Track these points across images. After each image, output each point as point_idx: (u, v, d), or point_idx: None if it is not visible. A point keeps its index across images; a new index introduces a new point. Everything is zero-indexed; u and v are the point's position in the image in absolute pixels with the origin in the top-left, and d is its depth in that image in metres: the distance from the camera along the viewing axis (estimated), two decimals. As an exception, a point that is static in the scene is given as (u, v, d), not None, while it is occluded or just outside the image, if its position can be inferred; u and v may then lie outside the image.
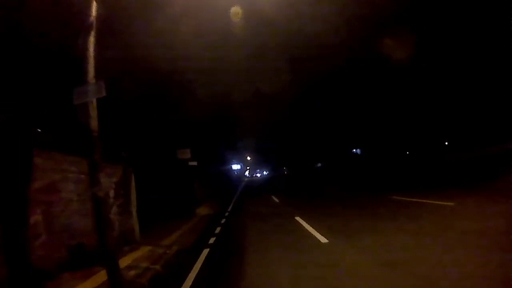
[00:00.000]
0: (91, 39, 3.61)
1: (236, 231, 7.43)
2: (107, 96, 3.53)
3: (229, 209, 12.67)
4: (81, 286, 3.72)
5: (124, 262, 4.68)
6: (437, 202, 7.24)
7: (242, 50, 13.44)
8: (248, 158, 77.39)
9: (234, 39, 12.02)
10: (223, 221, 9.37)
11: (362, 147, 31.69)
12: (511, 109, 12.69)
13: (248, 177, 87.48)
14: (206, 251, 5.50)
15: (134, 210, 6.78)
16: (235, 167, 64.70)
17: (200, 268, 4.52)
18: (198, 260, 4.95)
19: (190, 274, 4.18)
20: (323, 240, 5.22)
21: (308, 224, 6.86)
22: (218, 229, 7.87)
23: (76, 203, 4.86)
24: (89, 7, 3.64)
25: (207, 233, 7.46)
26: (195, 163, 12.94)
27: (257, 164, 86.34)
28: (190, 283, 3.86)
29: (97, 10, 3.69)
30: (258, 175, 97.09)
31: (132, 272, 4.28)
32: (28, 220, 3.83)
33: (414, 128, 20.41)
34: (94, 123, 3.47)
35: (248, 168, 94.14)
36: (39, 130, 5.55)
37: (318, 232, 5.88)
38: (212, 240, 6.50)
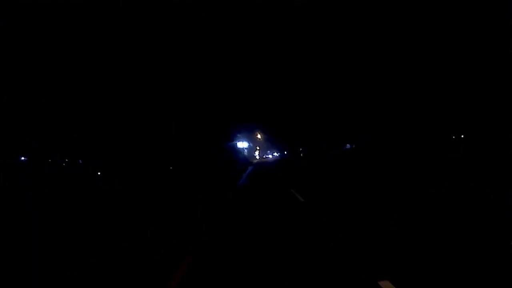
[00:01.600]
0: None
1: None
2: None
3: None
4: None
5: None
6: None
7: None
8: (259, 136, 66.63)
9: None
10: None
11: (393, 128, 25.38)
12: None
13: (257, 159, 75.69)
14: None
15: None
16: (242, 145, 49.05)
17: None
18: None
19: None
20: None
21: None
22: None
23: None
24: None
25: None
26: None
27: (269, 142, 74.98)
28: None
29: None
30: (270, 156, 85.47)
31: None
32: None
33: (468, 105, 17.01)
34: None
35: (258, 148, 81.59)
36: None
37: None
38: None
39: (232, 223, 5.90)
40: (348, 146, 36.48)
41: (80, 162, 18.82)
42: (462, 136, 19.59)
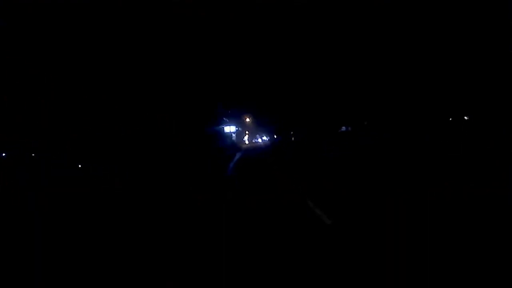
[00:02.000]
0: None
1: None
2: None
3: None
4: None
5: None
6: None
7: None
8: (248, 120, 62.98)
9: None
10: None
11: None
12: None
13: (247, 143, 72.04)
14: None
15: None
16: (229, 129, 45.45)
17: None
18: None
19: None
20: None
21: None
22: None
23: None
24: None
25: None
26: None
27: (259, 126, 70.35)
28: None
29: None
30: (260, 140, 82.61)
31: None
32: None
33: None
34: None
35: (247, 132, 77.74)
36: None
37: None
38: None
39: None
40: (344, 128, 33.13)
41: (80, 161, 18.84)
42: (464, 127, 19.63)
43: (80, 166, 17.97)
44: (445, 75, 18.03)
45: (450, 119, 20.17)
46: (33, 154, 17.56)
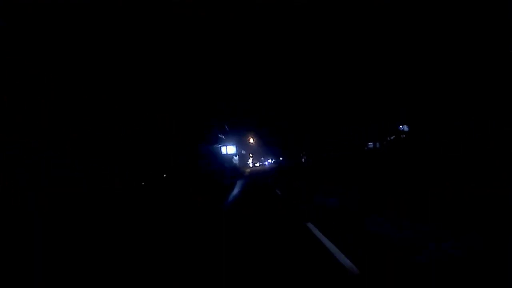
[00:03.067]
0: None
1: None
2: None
3: None
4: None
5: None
6: None
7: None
8: (251, 140, 57.62)
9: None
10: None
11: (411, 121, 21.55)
12: None
13: (250, 167, 66.66)
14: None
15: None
16: (228, 150, 35.32)
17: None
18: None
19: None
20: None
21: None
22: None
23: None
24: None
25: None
26: None
27: (264, 148, 62.32)
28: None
29: None
30: (266, 163, 76.78)
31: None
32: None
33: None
34: None
35: (251, 155, 71.89)
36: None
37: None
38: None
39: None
40: (371, 145, 29.11)
41: (80, 161, 18.82)
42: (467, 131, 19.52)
43: (80, 166, 17.94)
44: (446, 76, 18.01)
45: (452, 121, 20.07)
46: (33, 154, 17.54)
